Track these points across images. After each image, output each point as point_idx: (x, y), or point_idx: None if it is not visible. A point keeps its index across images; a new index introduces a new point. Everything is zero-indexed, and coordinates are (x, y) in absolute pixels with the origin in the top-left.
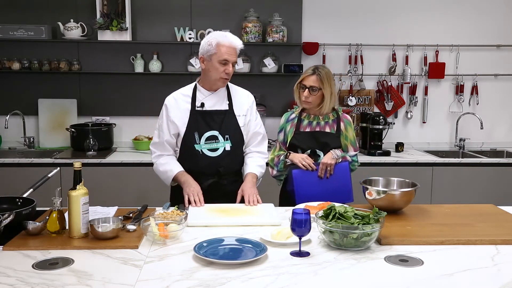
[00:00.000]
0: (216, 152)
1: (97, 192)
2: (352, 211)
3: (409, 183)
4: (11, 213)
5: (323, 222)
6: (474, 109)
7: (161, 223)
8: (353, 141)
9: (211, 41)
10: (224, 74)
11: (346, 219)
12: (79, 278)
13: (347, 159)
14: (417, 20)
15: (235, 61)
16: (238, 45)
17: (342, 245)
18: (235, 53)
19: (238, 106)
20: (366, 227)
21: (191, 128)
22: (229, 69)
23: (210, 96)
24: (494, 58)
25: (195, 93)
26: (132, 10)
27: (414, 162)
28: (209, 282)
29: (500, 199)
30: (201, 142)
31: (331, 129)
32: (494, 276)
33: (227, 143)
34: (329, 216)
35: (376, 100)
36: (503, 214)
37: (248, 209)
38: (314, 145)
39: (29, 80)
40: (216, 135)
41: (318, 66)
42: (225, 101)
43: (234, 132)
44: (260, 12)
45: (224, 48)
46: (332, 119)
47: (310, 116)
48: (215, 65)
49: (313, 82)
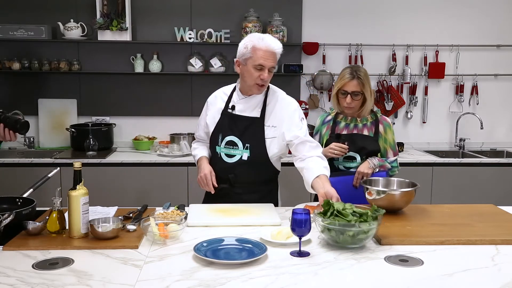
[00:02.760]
0: (233, 159)
1: (97, 192)
2: (351, 208)
3: (409, 183)
4: (11, 213)
5: (321, 220)
6: (474, 109)
7: (161, 223)
8: (392, 144)
9: (247, 44)
10: (259, 80)
11: (344, 216)
12: (79, 278)
13: (387, 166)
14: (417, 20)
15: (273, 66)
16: (277, 49)
17: (338, 242)
18: (273, 58)
19: (271, 115)
20: (363, 225)
21: (218, 128)
22: (265, 75)
23: (244, 99)
24: (494, 58)
25: (232, 94)
26: (132, 10)
27: (414, 162)
28: (209, 282)
29: (500, 199)
30: (222, 145)
31: (369, 132)
32: (494, 276)
33: (245, 152)
34: (327, 213)
35: (376, 100)
36: (503, 214)
37: (248, 209)
38: (351, 148)
39: (29, 80)
40: (236, 142)
41: (355, 68)
42: (258, 108)
43: (256, 143)
44: (260, 12)
45: (260, 52)
46: (370, 121)
47: (347, 118)
48: (250, 70)
49: (354, 87)
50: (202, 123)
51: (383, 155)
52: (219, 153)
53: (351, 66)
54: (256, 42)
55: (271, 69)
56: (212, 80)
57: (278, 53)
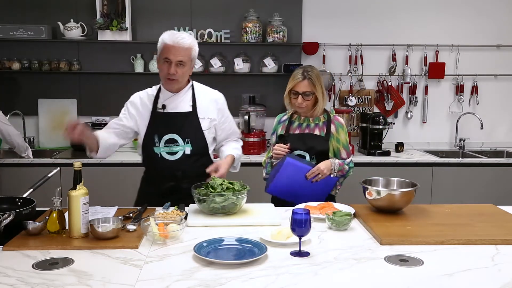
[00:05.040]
0: (175, 156)
1: (97, 192)
2: (225, 184)
3: (409, 183)
4: (11, 213)
5: (196, 192)
6: (474, 109)
7: (161, 223)
8: (345, 144)
9: (160, 40)
10: (168, 74)
11: (213, 189)
12: (79, 278)
13: (345, 170)
14: (417, 20)
15: (181, 60)
16: (185, 44)
17: (210, 210)
18: (182, 52)
19: (202, 108)
20: (218, 197)
21: (151, 130)
22: (171, 69)
23: (172, 97)
24: (494, 58)
25: (158, 94)
26: (132, 10)
27: (414, 162)
28: (209, 282)
29: (500, 199)
30: (160, 145)
31: (320, 131)
32: (494, 276)
33: (187, 147)
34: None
35: (376, 100)
36: (503, 214)
37: (248, 209)
38: (301, 147)
39: (29, 80)
40: (176, 138)
41: (306, 68)
42: (188, 102)
43: (195, 136)
44: (260, 12)
45: (167, 46)
46: (322, 121)
47: (300, 118)
48: (161, 65)
49: (305, 88)
50: (121, 122)
51: (336, 155)
52: (159, 153)
53: (303, 66)
54: (165, 37)
55: (180, 63)
56: (212, 80)
57: (187, 48)
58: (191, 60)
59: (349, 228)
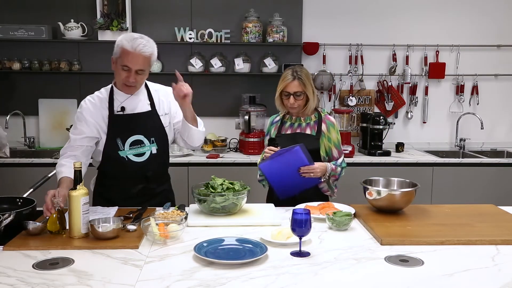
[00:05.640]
0: (143, 157)
1: None
2: (225, 184)
3: (409, 183)
4: (11, 213)
5: (196, 192)
6: (474, 109)
7: (161, 223)
8: (337, 143)
9: (118, 43)
10: (126, 80)
11: (213, 189)
12: (79, 278)
13: (337, 172)
14: (417, 20)
15: (141, 69)
16: (145, 52)
17: (210, 210)
18: (141, 61)
19: (160, 105)
20: (219, 197)
21: (113, 134)
22: (130, 77)
23: (130, 98)
24: (494, 58)
25: (112, 97)
26: (132, 10)
27: (414, 162)
28: (209, 282)
29: (500, 199)
30: (126, 148)
31: (311, 130)
32: (494, 276)
33: (153, 146)
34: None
35: (377, 100)
36: (503, 214)
37: (248, 209)
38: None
39: (29, 80)
40: (141, 139)
41: (295, 69)
42: (146, 101)
43: (159, 134)
44: (260, 12)
45: (127, 54)
46: (313, 120)
47: (292, 118)
48: (119, 70)
49: (296, 88)
50: (84, 134)
51: (328, 154)
52: (125, 156)
53: (292, 67)
54: (125, 43)
55: (140, 71)
56: (212, 80)
57: (147, 57)
58: (150, 65)
59: (350, 228)
